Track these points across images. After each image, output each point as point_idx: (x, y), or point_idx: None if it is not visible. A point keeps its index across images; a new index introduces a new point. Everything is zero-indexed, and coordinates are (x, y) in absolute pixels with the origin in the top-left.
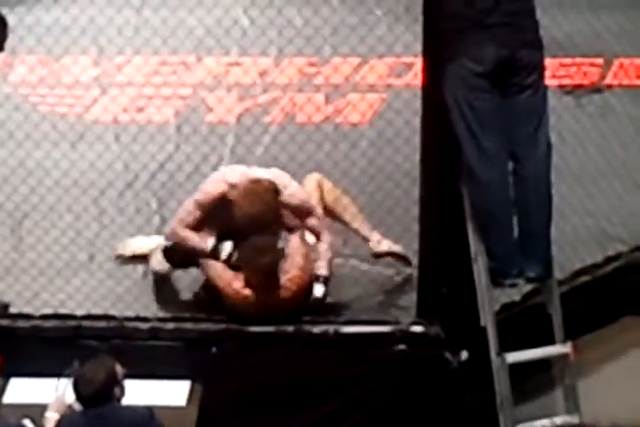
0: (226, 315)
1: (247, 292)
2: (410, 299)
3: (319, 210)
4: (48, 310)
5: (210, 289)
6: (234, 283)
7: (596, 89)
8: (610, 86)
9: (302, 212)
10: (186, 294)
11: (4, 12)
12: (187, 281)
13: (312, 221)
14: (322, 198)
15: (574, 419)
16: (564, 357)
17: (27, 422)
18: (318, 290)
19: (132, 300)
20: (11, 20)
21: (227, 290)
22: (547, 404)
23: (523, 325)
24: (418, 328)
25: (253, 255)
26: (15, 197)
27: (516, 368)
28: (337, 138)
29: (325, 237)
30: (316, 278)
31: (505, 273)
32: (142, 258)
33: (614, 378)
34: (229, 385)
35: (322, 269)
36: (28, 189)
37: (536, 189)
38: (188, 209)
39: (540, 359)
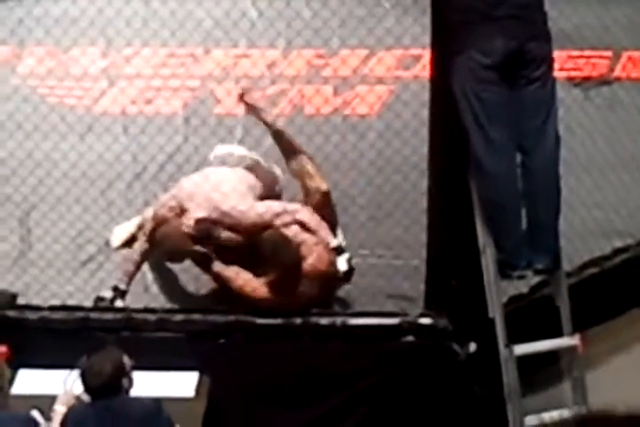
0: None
1: (265, 290)
2: (418, 291)
3: (279, 208)
4: (56, 302)
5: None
6: (253, 282)
7: (604, 81)
8: (618, 79)
9: (260, 225)
10: (194, 286)
11: (13, 4)
12: (195, 272)
13: (282, 221)
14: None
15: (582, 411)
16: (572, 349)
17: (35, 413)
18: (342, 264)
19: (140, 291)
20: (19, 11)
21: (246, 290)
22: (555, 396)
23: (531, 317)
24: (426, 320)
25: (275, 252)
26: (23, 189)
27: (524, 360)
28: (345, 130)
29: (313, 221)
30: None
31: (513, 265)
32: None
33: (622, 370)
34: (237, 377)
35: (332, 242)
36: (36, 181)
37: (544, 182)
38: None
39: (548, 351)
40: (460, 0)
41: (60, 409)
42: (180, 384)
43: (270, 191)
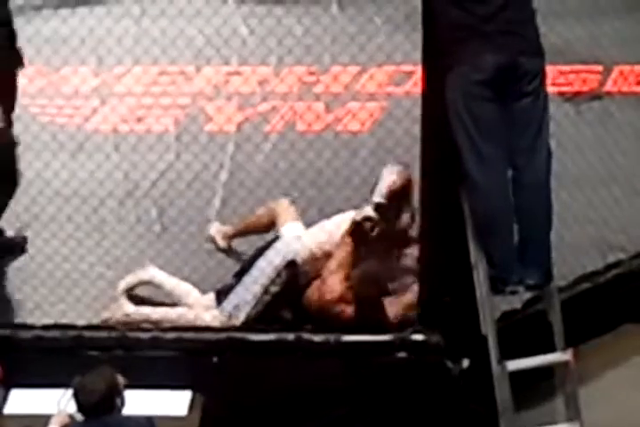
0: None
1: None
2: None
3: None
4: (49, 321)
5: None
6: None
7: (595, 96)
8: (609, 93)
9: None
10: None
11: None
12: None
13: None
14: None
15: None
16: (564, 364)
17: None
18: None
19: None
20: None
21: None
22: (548, 411)
23: (523, 332)
24: (419, 336)
25: (364, 283)
26: (16, 208)
27: (516, 376)
28: (337, 146)
29: None
30: None
31: (505, 280)
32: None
33: (615, 385)
34: (230, 395)
35: None
36: (28, 200)
37: (536, 197)
38: None
39: (541, 367)
40: (450, 16)
41: None
42: (173, 402)
43: None
